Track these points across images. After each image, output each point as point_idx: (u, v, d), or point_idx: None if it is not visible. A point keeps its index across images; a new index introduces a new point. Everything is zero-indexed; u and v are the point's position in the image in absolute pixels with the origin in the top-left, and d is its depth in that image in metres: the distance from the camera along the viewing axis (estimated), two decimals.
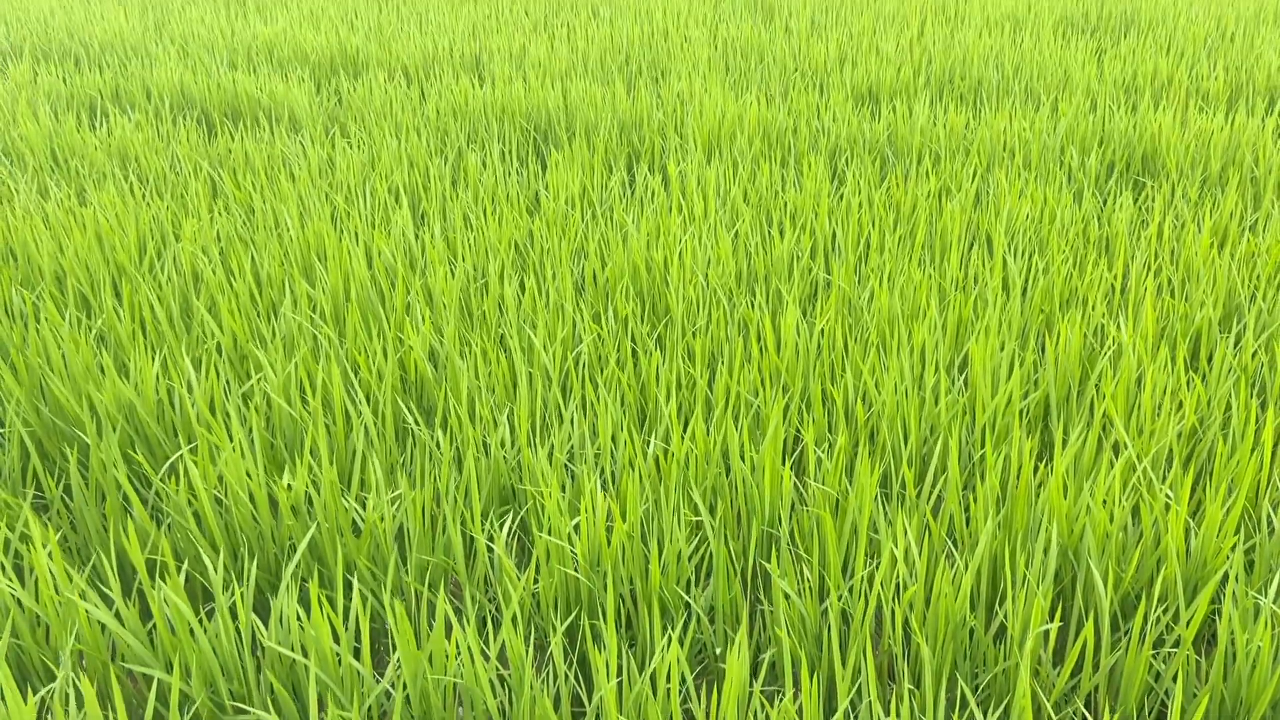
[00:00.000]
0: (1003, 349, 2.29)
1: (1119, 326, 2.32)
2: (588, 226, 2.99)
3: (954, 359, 2.31)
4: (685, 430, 2.10)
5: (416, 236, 3.01)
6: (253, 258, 2.69)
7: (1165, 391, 2.10)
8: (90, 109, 4.19)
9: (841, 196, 3.20)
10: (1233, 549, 1.74)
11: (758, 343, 2.33)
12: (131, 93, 4.29)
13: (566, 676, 1.64)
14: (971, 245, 2.92)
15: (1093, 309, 2.40)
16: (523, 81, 4.31)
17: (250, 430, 2.00)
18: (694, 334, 2.42)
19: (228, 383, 2.16)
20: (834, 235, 2.91)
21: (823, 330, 2.39)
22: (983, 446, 1.99)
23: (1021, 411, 2.11)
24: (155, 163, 3.39)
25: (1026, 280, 2.64)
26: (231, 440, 1.98)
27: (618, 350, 2.38)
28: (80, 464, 2.00)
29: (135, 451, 1.99)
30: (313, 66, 4.77)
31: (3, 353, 2.25)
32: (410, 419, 1.96)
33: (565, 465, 2.02)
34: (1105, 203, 3.18)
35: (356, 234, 2.88)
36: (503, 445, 2.00)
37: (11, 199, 3.10)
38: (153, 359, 2.23)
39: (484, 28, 5.41)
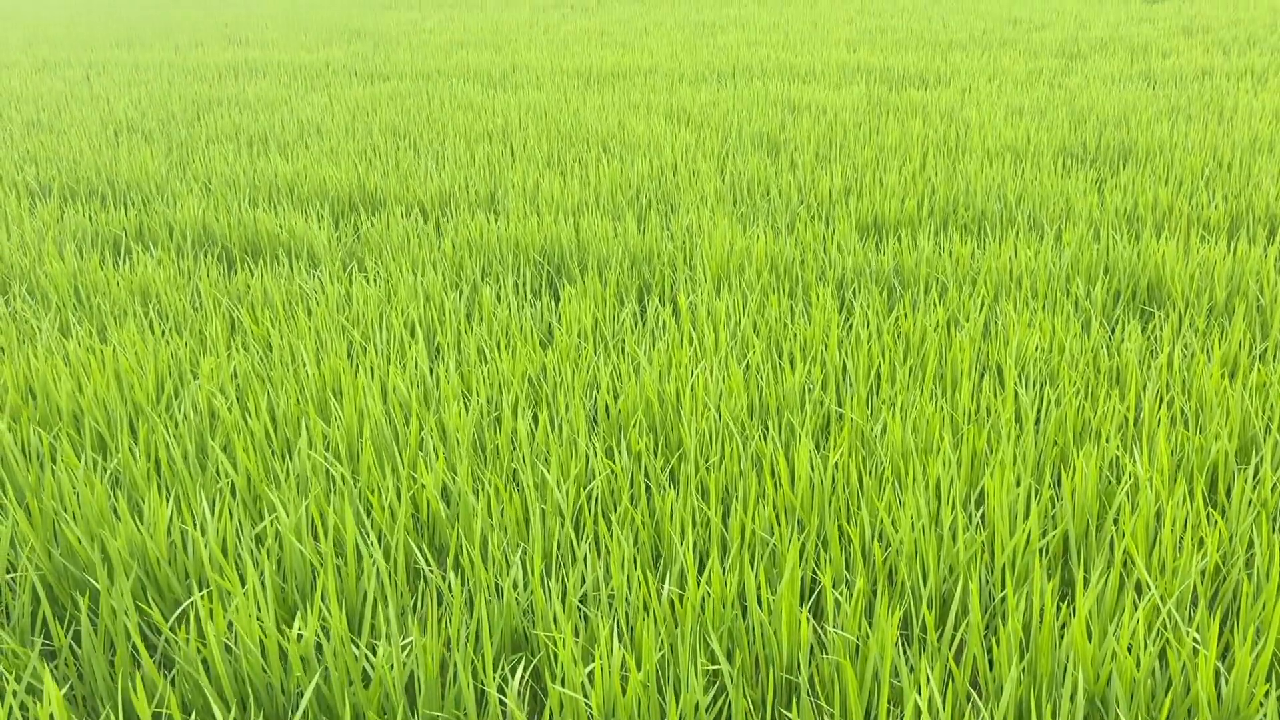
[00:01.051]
0: (1019, 484, 2.28)
1: (1134, 460, 2.31)
2: (600, 359, 3.02)
3: (970, 494, 2.29)
4: (701, 571, 2.07)
5: (431, 371, 3.04)
6: (269, 395, 2.71)
7: (1186, 527, 2.07)
8: (114, 246, 4.30)
9: (850, 327, 3.23)
10: (1265, 695, 1.69)
11: (772, 478, 2.32)
12: (155, 230, 4.41)
13: None
14: (982, 376, 2.93)
15: (1107, 441, 2.40)
16: (536, 216, 4.43)
17: (262, 574, 1.98)
18: (708, 469, 2.41)
19: (240, 524, 2.16)
20: (844, 367, 2.93)
21: (836, 464, 2.39)
22: (1003, 587, 1.96)
23: (1041, 550, 2.08)
24: (176, 300, 3.46)
25: (1039, 412, 2.64)
26: (244, 584, 1.96)
27: (631, 486, 2.38)
28: (90, 610, 1.98)
29: (146, 595, 1.97)
30: (332, 203, 4.91)
31: (18, 495, 2.26)
32: (422, 560, 1.94)
33: (579, 607, 1.99)
34: (1113, 332, 3.20)
35: (372, 369, 2.91)
36: (515, 587, 1.98)
37: (34, 337, 3.15)
38: (166, 501, 2.23)
39: (499, 164, 5.58)
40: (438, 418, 2.63)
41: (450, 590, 2.02)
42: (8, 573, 2.03)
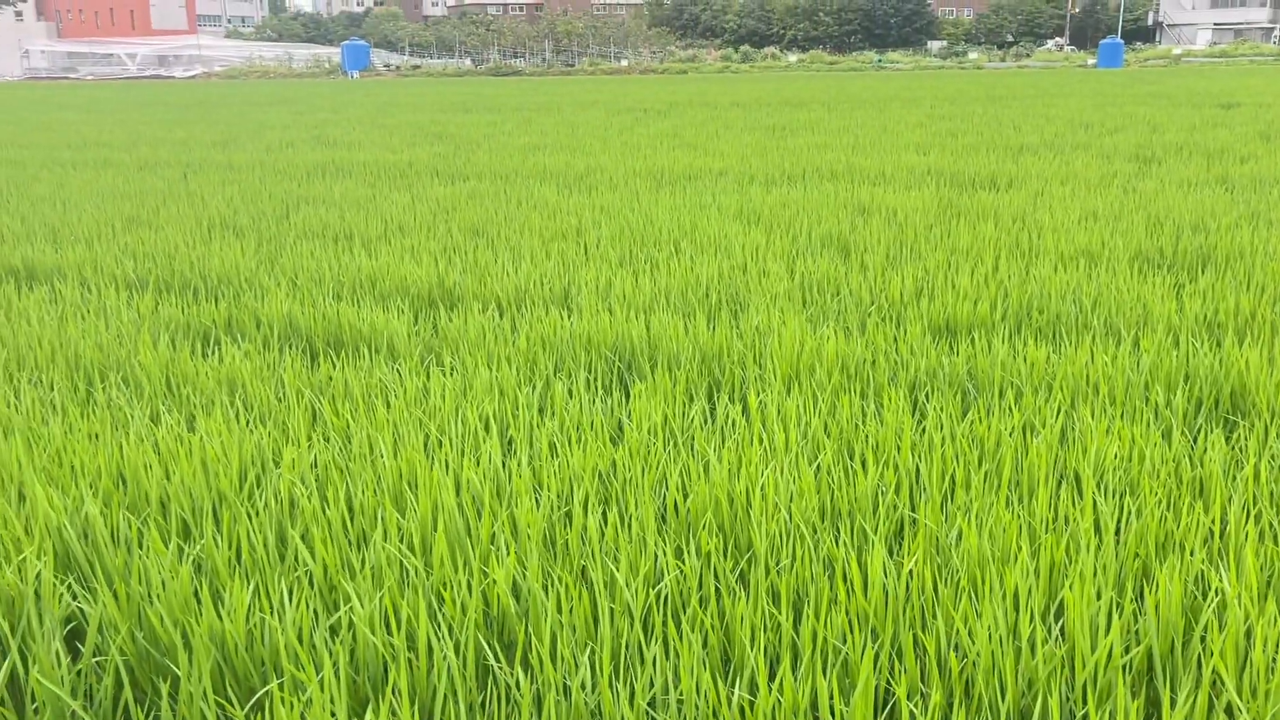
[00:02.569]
0: (1099, 597, 2.21)
1: (1221, 575, 2.23)
2: (669, 456, 3.03)
3: (1049, 606, 2.24)
4: (772, 678, 2.04)
5: (504, 465, 3.08)
6: (347, 486, 2.78)
7: (1278, 648, 1.99)
8: (204, 338, 4.48)
9: (923, 430, 3.21)
10: None
11: (844, 583, 2.29)
12: (243, 322, 4.59)
13: None
14: (1059, 484, 2.87)
15: (1191, 555, 2.33)
16: (608, 313, 4.50)
17: (336, 664, 2.01)
18: (778, 572, 2.39)
19: (316, 614, 2.19)
20: (917, 471, 2.90)
21: (911, 571, 2.35)
22: (1084, 704, 1.89)
23: (1124, 667, 2.01)
24: (261, 390, 3.58)
25: (1119, 523, 2.58)
26: (319, 672, 1.99)
27: (700, 587, 2.36)
28: (170, 696, 2.02)
29: (224, 682, 2.01)
30: (412, 298, 5.06)
31: (107, 579, 2.33)
32: (491, 656, 1.95)
33: (647, 710, 1.97)
34: (1195, 442, 3.13)
35: (447, 463, 2.96)
36: (583, 687, 1.97)
37: (126, 425, 3.28)
38: (246, 588, 2.28)
39: (573, 262, 5.71)
40: (509, 512, 2.66)
41: (519, 688, 2.02)
42: (94, 656, 2.08)
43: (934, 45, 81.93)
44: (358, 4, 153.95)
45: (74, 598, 2.33)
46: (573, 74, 62.83)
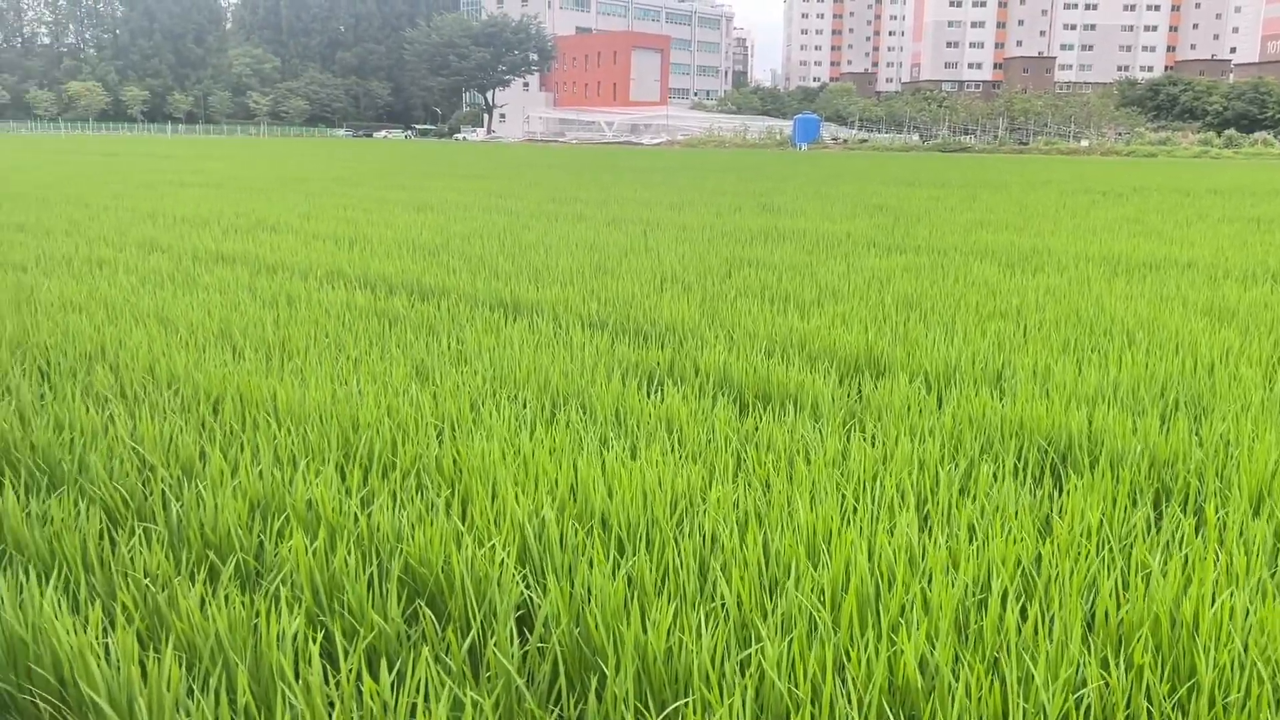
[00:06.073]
0: None
1: None
2: (1104, 560, 2.81)
3: None
4: None
5: (917, 539, 3.03)
6: (765, 532, 2.89)
7: None
8: (649, 378, 4.88)
9: None
10: None
11: None
12: (683, 368, 4.94)
13: None
14: None
15: None
16: (1045, 400, 4.27)
17: (744, 699, 2.10)
18: (1224, 707, 2.12)
19: (728, 645, 2.31)
20: None
21: None
22: None
23: None
24: (694, 431, 3.83)
25: None
26: (724, 700, 2.09)
27: (1128, 705, 2.16)
28: (595, 694, 2.22)
29: (640, 689, 2.18)
30: (839, 363, 5.15)
31: (555, 576, 2.62)
32: None
33: None
34: None
35: (861, 527, 2.98)
36: None
37: (580, 446, 3.67)
38: (669, 607, 2.46)
39: (1009, 343, 5.49)
40: (921, 587, 2.61)
41: None
42: (539, 641, 2.35)
43: None
44: (814, 80, 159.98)
45: (526, 587, 2.65)
46: (1025, 152, 60.38)
